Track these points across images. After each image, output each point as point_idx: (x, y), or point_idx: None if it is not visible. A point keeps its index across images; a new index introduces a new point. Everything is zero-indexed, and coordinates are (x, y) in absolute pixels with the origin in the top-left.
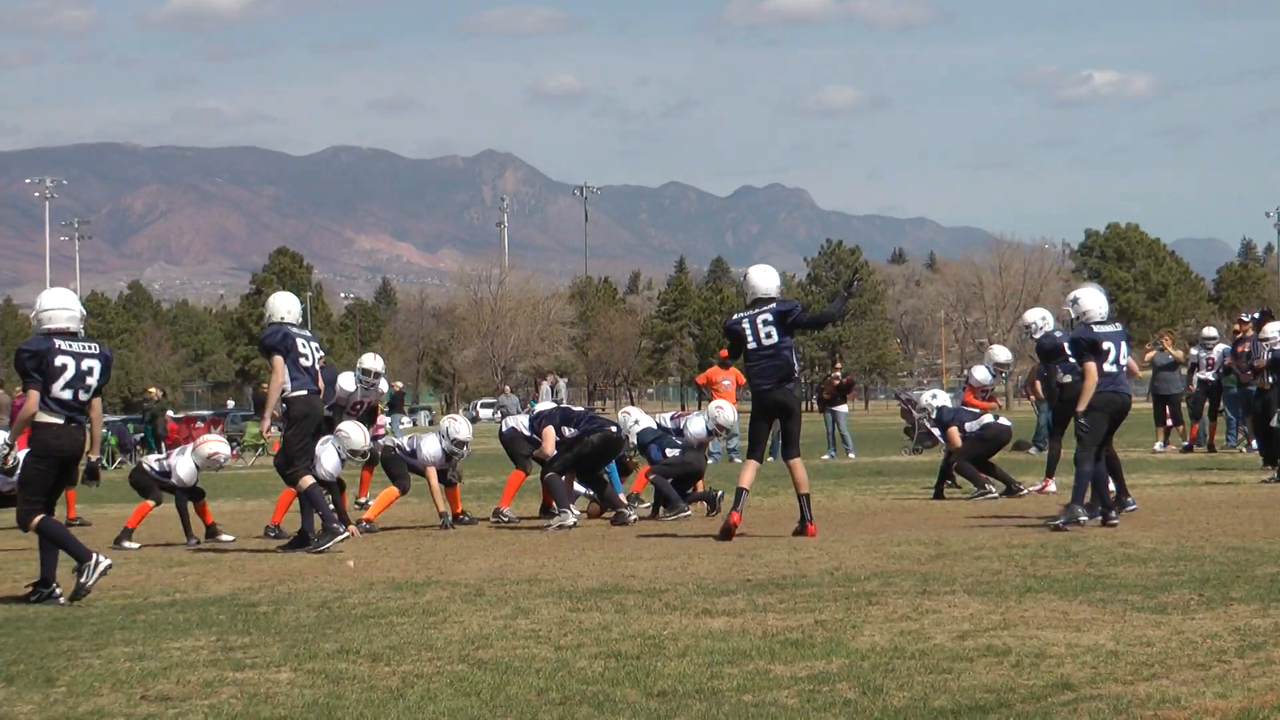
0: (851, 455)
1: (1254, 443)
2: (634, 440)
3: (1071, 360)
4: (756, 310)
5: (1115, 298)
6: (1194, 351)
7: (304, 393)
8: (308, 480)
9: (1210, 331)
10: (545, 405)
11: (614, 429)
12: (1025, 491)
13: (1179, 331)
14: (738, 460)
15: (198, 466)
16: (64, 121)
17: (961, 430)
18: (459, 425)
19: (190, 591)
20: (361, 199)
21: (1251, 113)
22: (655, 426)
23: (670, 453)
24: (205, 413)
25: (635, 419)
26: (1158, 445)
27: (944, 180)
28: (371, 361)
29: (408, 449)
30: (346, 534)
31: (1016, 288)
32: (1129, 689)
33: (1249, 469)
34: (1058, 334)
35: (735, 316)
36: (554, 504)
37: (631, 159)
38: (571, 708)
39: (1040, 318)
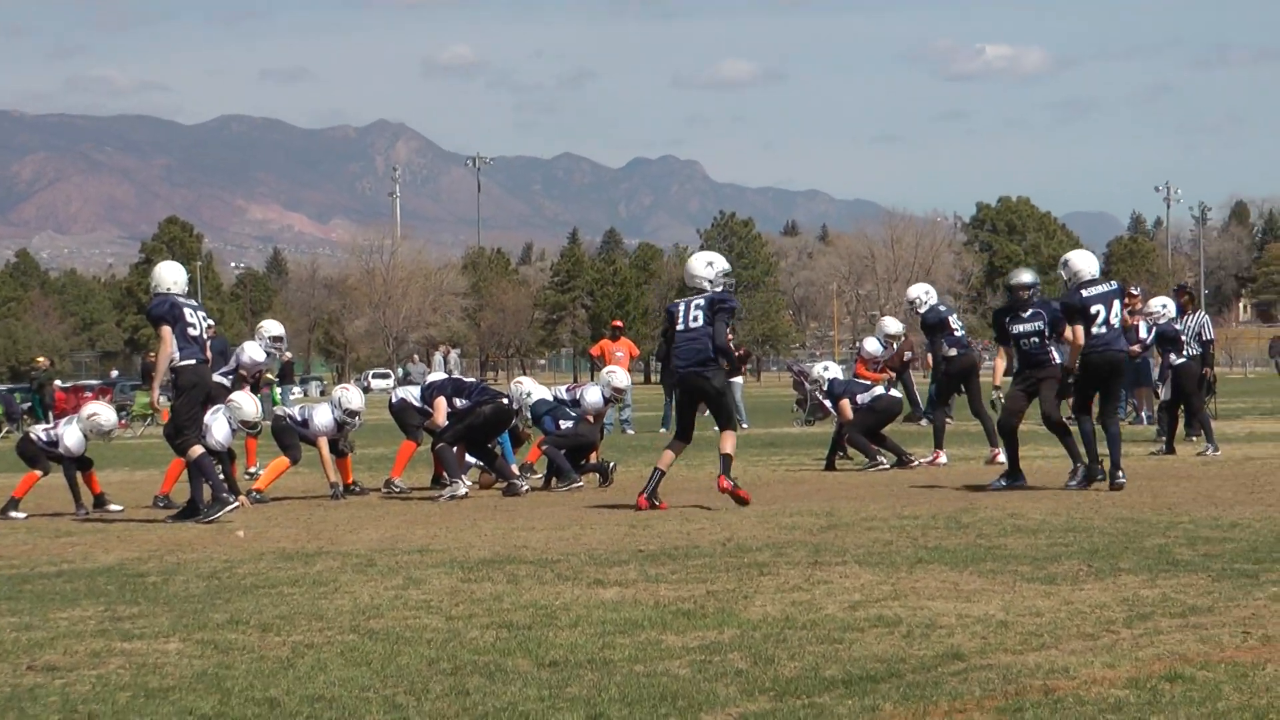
0: (744, 426)
1: (1143, 414)
2: (527, 412)
3: (958, 334)
4: (691, 297)
5: (1006, 270)
6: None
7: (192, 362)
8: (197, 450)
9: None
10: (436, 376)
11: (505, 400)
12: (917, 463)
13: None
14: (630, 431)
15: (85, 436)
16: None
17: (853, 402)
18: (351, 395)
19: (78, 561)
20: (253, 168)
21: (1143, 88)
22: (550, 398)
23: (564, 424)
24: (94, 382)
25: (528, 390)
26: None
27: (837, 153)
28: (276, 328)
29: (299, 419)
30: (236, 504)
31: (909, 260)
32: (1018, 659)
33: (1138, 441)
34: (941, 308)
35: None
36: (445, 475)
37: (525, 130)
38: (463, 678)
39: (924, 292)
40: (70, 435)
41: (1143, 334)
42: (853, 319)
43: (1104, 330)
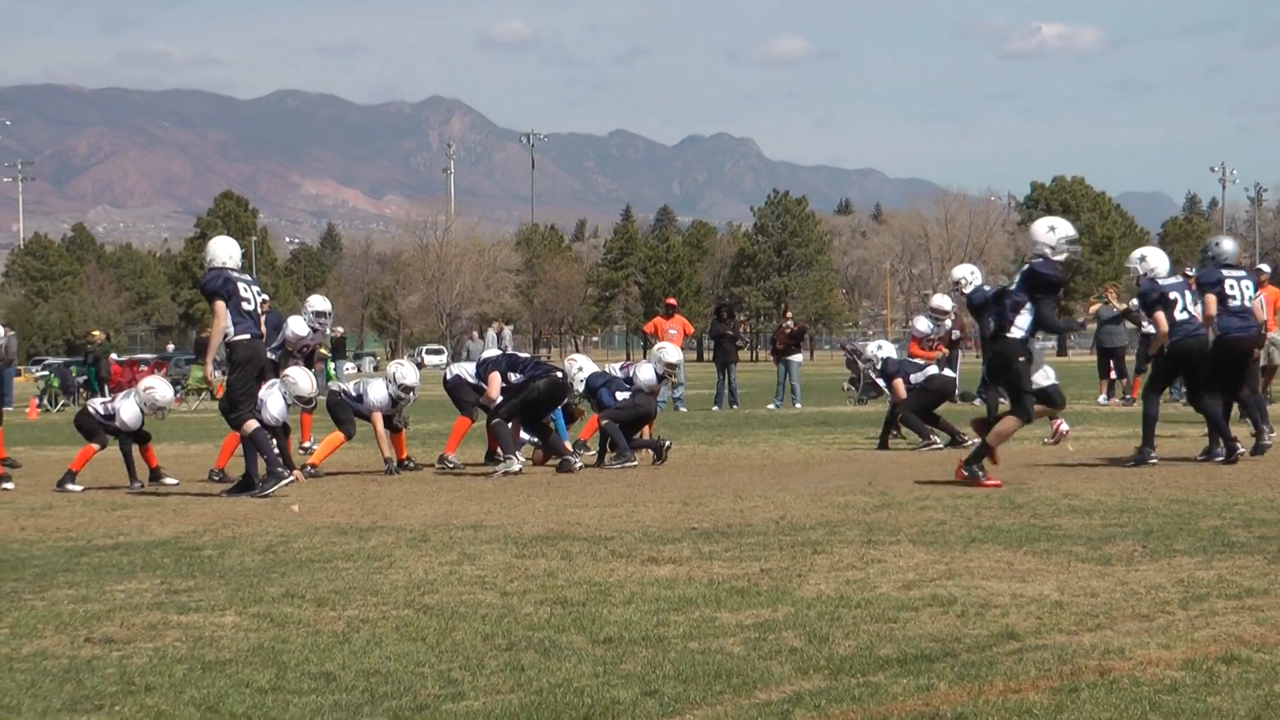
0: (798, 405)
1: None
2: (579, 387)
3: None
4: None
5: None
6: (1133, 303)
7: (246, 337)
8: (252, 424)
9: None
10: (491, 352)
11: (559, 374)
12: (970, 443)
13: (1123, 285)
14: (683, 409)
15: (141, 410)
16: (7, 62)
17: (906, 381)
18: (406, 370)
19: (134, 535)
20: (308, 144)
21: (1198, 67)
22: (603, 371)
23: (621, 396)
24: (149, 356)
25: (580, 366)
26: (1102, 398)
27: (891, 131)
28: (322, 303)
29: (354, 394)
30: (291, 478)
31: (962, 240)
32: (1073, 639)
33: (1192, 422)
34: (986, 288)
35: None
36: (499, 450)
37: (579, 107)
38: (517, 654)
39: (969, 272)
40: (127, 409)
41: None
42: (906, 298)
43: (1185, 315)
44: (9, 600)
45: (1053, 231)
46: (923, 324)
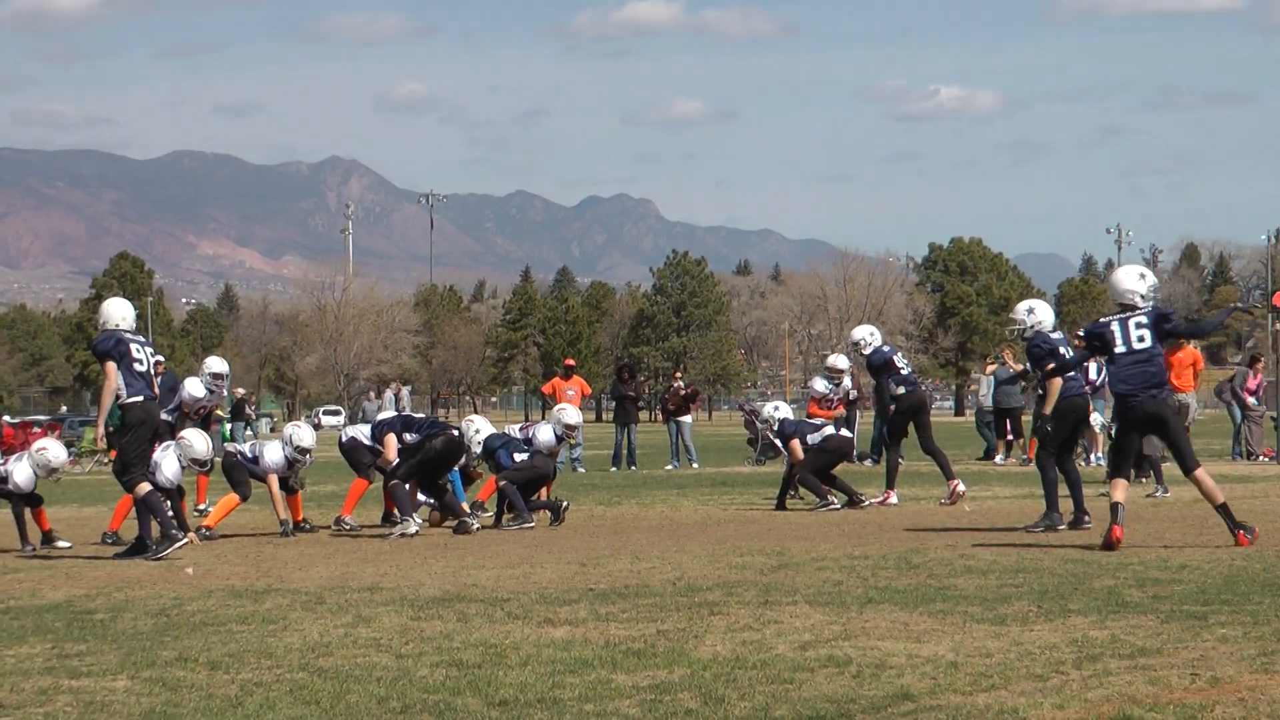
0: (695, 465)
1: (1092, 455)
2: (477, 449)
3: (905, 373)
4: (1127, 314)
5: (957, 311)
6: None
7: (140, 399)
8: (145, 487)
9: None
10: (387, 413)
11: (455, 432)
12: (868, 503)
13: (1020, 346)
14: (581, 470)
15: (35, 472)
16: None
17: (803, 442)
18: (303, 432)
19: (25, 598)
20: (205, 204)
21: (1093, 130)
22: (501, 433)
23: (519, 457)
24: (42, 418)
25: (478, 428)
26: (999, 458)
27: (790, 193)
28: (219, 364)
29: (250, 455)
30: (186, 541)
31: (860, 300)
32: (968, 699)
33: (1088, 482)
34: (885, 348)
35: (1103, 320)
36: (397, 512)
37: (478, 167)
38: (412, 716)
39: (869, 334)
40: (20, 471)
41: (1092, 375)
42: (804, 358)
43: (1072, 374)
44: None
45: (1143, 279)
46: (820, 384)
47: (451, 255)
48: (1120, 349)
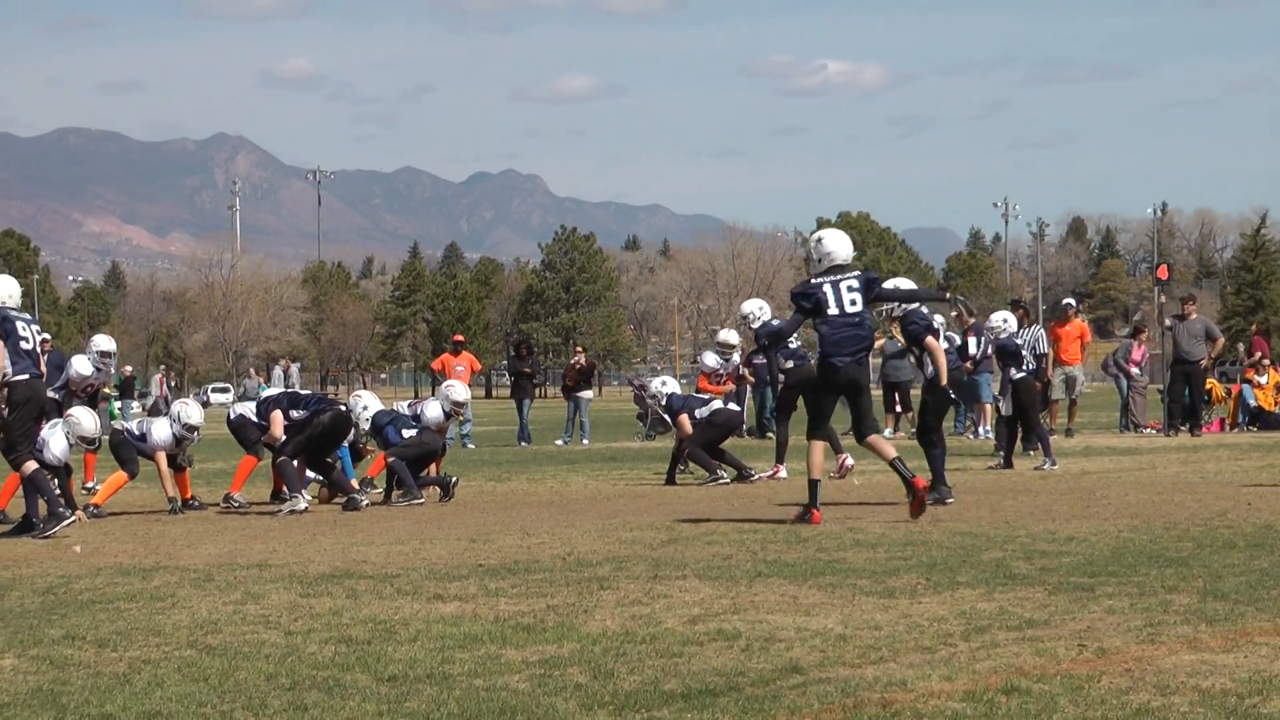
0: (585, 441)
1: (980, 429)
2: (365, 426)
3: (793, 347)
4: (839, 276)
5: None
6: None
7: (25, 377)
8: (31, 465)
9: (938, 320)
10: (272, 391)
11: (343, 407)
12: (757, 477)
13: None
14: (470, 445)
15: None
16: None
17: (692, 417)
18: (190, 410)
19: None
20: (90, 181)
21: (979, 104)
22: (389, 410)
23: (407, 433)
24: None
25: (365, 404)
26: (887, 431)
27: (678, 168)
28: (107, 343)
29: (137, 433)
30: (73, 519)
31: (749, 275)
32: (857, 672)
33: (976, 455)
34: (775, 322)
35: (817, 280)
36: (285, 489)
37: (365, 144)
38: (301, 693)
39: (758, 308)
40: (56, 443)
41: (972, 350)
42: (694, 333)
43: (946, 347)
44: None
45: (849, 243)
46: (711, 359)
47: (339, 232)
48: (833, 311)
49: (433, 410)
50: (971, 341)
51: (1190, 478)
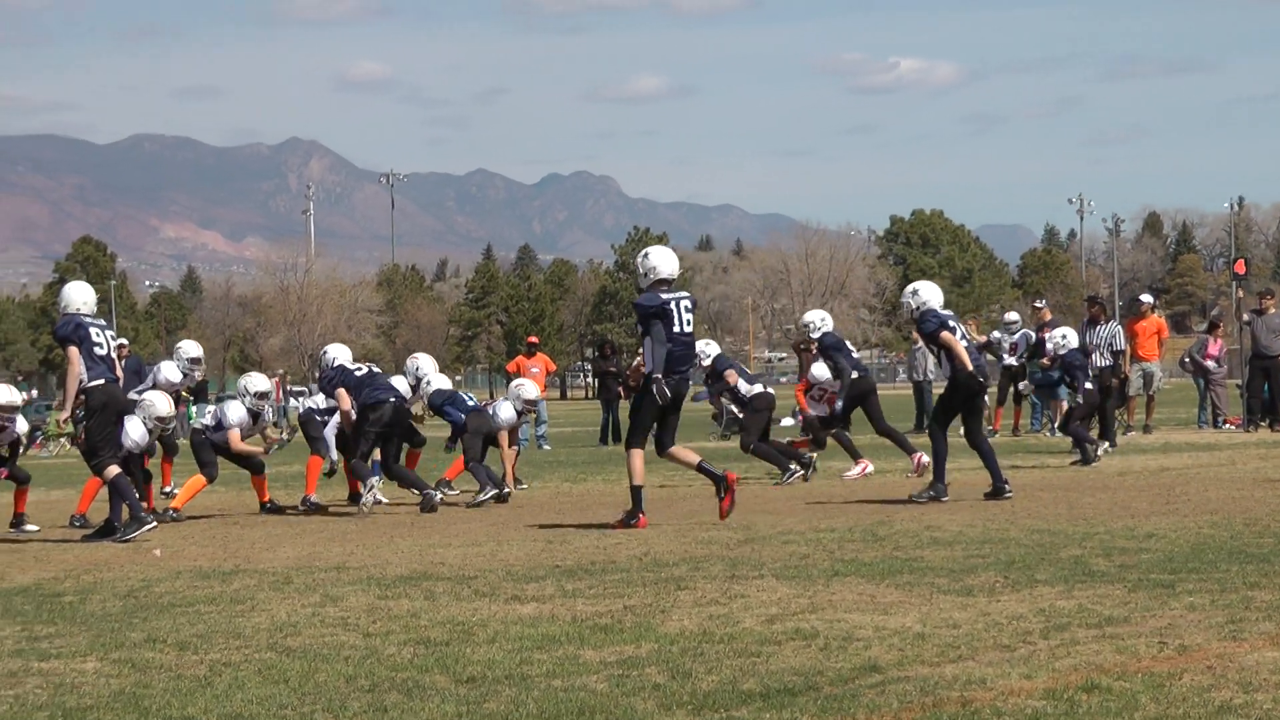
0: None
1: (1056, 427)
2: (426, 389)
3: (855, 358)
4: (678, 295)
5: None
6: (995, 335)
7: (101, 381)
8: (114, 470)
9: (1012, 316)
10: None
11: (395, 400)
12: (796, 474)
13: (983, 317)
14: (546, 447)
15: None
16: None
17: (740, 373)
18: (255, 379)
19: None
20: (166, 187)
21: (1052, 100)
22: (447, 385)
23: (462, 409)
24: None
25: (427, 374)
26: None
27: (750, 167)
28: (195, 349)
29: (213, 425)
30: (154, 524)
31: (823, 274)
32: (935, 670)
33: (1054, 452)
34: (837, 332)
35: (665, 296)
36: (360, 488)
37: (438, 147)
38: (380, 694)
39: (820, 318)
40: (134, 429)
41: (1008, 359)
42: (768, 333)
43: (966, 344)
44: None
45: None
46: (821, 371)
47: (413, 235)
48: (677, 329)
49: (505, 411)
50: (1006, 341)
51: (1271, 473)
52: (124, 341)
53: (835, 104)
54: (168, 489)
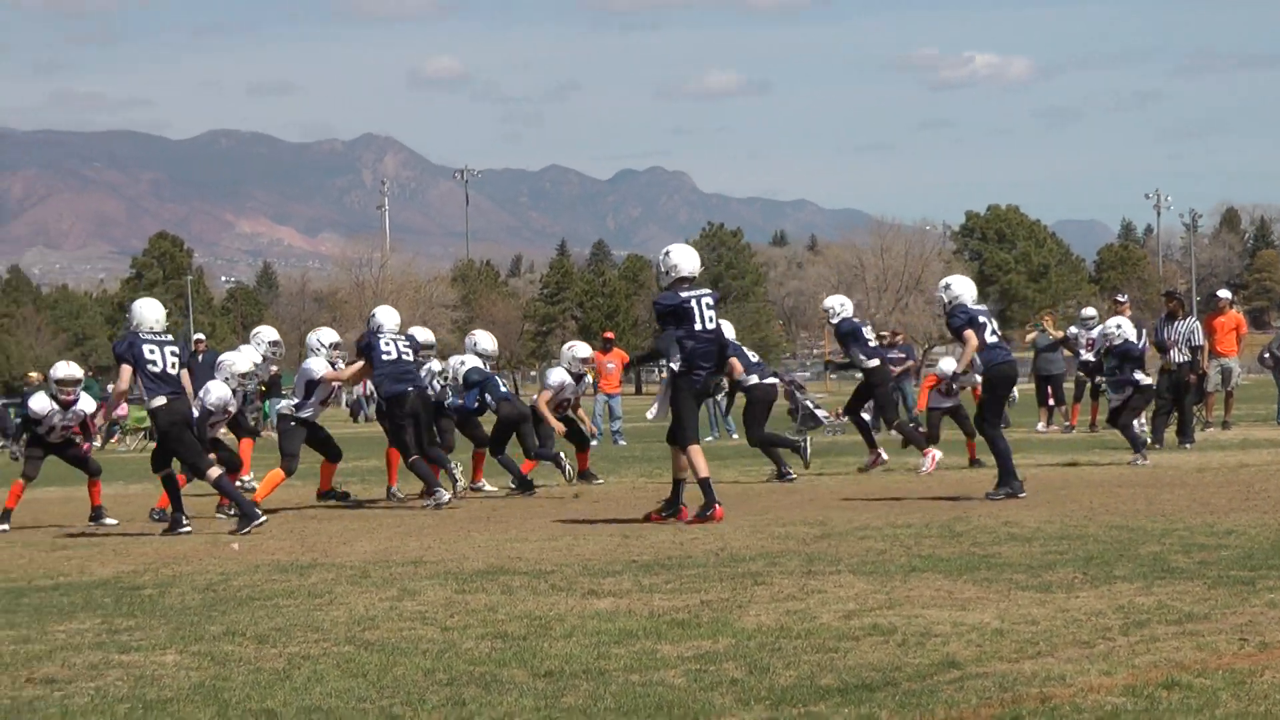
0: (735, 437)
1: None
2: (460, 368)
3: (873, 344)
4: (700, 292)
5: (996, 279)
6: (1072, 330)
7: (163, 400)
8: (215, 471)
9: (1089, 312)
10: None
11: (415, 381)
12: (923, 470)
13: (1059, 313)
14: (621, 442)
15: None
16: None
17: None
18: (325, 331)
19: (74, 575)
20: (242, 183)
21: (1127, 95)
22: (485, 369)
23: (489, 397)
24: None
25: (478, 339)
26: (1040, 425)
27: (824, 162)
28: (273, 333)
29: (295, 406)
30: (263, 519)
31: (898, 269)
32: (1014, 667)
33: (1119, 447)
34: (855, 320)
35: (684, 295)
36: (427, 485)
37: (512, 142)
38: (459, 688)
39: (839, 304)
40: (216, 389)
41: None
42: None
43: (996, 341)
44: None
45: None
46: (950, 365)
47: (487, 230)
48: (698, 326)
49: (556, 375)
50: (1082, 337)
51: None
52: (201, 336)
53: (909, 99)
54: (246, 478)
